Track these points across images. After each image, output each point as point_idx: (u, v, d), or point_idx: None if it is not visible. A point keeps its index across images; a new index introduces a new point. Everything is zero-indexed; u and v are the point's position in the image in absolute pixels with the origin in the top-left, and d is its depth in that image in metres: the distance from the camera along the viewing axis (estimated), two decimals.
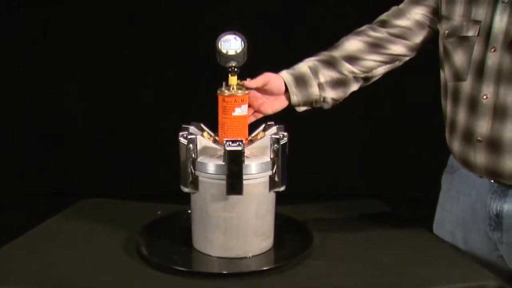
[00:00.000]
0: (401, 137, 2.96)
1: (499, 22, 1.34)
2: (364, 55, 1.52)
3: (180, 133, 1.39)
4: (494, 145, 1.36)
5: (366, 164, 3.23)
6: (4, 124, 3.28)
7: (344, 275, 1.29)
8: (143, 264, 1.33)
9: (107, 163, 3.34)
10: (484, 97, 1.37)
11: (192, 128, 1.44)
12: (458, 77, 1.43)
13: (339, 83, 1.52)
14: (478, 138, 1.39)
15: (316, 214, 1.67)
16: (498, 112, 1.35)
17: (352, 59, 1.52)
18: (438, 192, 1.63)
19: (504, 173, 1.37)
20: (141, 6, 3.18)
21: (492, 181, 1.41)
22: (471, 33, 1.39)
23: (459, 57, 1.42)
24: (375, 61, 1.53)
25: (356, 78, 1.53)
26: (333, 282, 1.28)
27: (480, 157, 1.39)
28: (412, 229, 1.53)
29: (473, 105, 1.39)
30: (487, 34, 1.36)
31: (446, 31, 1.45)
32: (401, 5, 1.55)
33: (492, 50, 1.35)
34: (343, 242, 1.47)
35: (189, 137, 1.36)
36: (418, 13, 1.51)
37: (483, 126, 1.38)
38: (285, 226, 1.51)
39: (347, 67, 1.52)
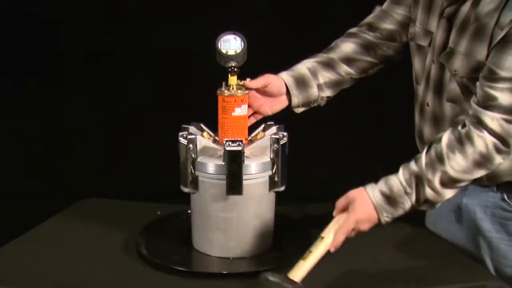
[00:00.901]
0: (401, 137, 2.96)
1: (438, 36, 1.38)
2: (359, 56, 1.56)
3: (180, 133, 1.39)
4: None
5: (366, 165, 3.22)
6: (4, 124, 3.28)
7: (344, 275, 1.29)
8: (143, 264, 1.33)
9: (107, 163, 3.34)
10: (427, 104, 1.44)
11: (192, 128, 1.44)
12: (416, 80, 1.50)
13: (336, 84, 1.56)
14: (426, 141, 1.44)
15: (316, 214, 1.67)
16: (437, 120, 1.42)
17: (349, 60, 1.56)
18: None
19: None
20: (140, 6, 3.18)
21: None
22: (424, 43, 1.44)
23: (416, 62, 1.48)
24: (369, 62, 1.57)
25: (352, 79, 1.58)
26: (333, 282, 1.28)
27: None
28: (412, 229, 1.53)
29: (422, 110, 1.47)
30: (433, 46, 1.41)
31: (410, 35, 1.50)
32: (384, 6, 1.58)
33: (433, 62, 1.41)
34: (343, 242, 1.46)
35: (189, 137, 1.36)
36: (400, 14, 1.54)
37: (426, 131, 1.45)
38: (284, 226, 1.51)
39: (344, 69, 1.56)
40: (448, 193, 1.30)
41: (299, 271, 1.19)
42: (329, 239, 1.24)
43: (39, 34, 3.20)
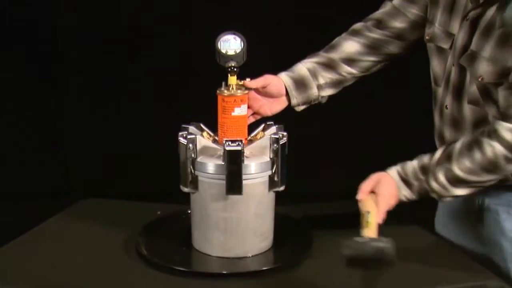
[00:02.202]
0: (401, 137, 2.96)
1: (460, 38, 1.36)
2: (361, 57, 1.54)
3: (180, 133, 1.39)
4: None
5: (366, 164, 3.22)
6: (4, 124, 3.28)
7: (344, 275, 1.29)
8: (143, 264, 1.33)
9: (107, 163, 3.34)
10: (446, 107, 1.43)
11: (191, 128, 1.44)
12: (435, 81, 1.47)
13: (337, 83, 1.56)
14: (447, 142, 1.43)
15: (316, 214, 1.67)
16: (456, 123, 1.41)
17: (350, 61, 1.54)
18: None
19: None
20: (140, 6, 3.18)
21: None
22: (445, 45, 1.41)
23: (436, 64, 1.46)
24: (372, 61, 1.56)
25: (353, 78, 1.57)
26: (333, 282, 1.29)
27: None
28: (412, 229, 1.53)
29: (442, 112, 1.45)
30: (454, 49, 1.39)
31: (427, 36, 1.46)
32: (396, 2, 1.53)
33: (453, 64, 1.39)
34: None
35: (188, 137, 1.36)
36: (414, 13, 1.51)
37: (447, 133, 1.44)
38: (284, 226, 1.51)
39: (346, 69, 1.55)
40: (458, 191, 1.35)
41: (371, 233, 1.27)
42: (375, 212, 1.34)
43: (39, 34, 3.20)
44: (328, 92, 1.55)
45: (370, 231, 1.28)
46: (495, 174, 1.31)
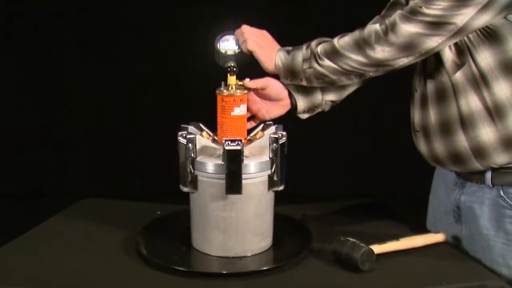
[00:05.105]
0: (401, 137, 2.96)
1: None
2: None
3: (179, 133, 1.39)
4: (425, 132, 1.44)
5: (366, 164, 3.23)
6: (4, 124, 3.29)
7: (344, 275, 1.29)
8: (143, 264, 1.33)
9: (107, 163, 3.34)
10: (415, 90, 1.47)
11: (191, 128, 1.44)
12: (412, 76, 1.50)
13: (340, 86, 1.54)
14: (416, 129, 1.47)
15: (316, 214, 1.68)
16: (422, 102, 1.43)
17: None
18: None
19: (439, 158, 1.43)
20: (140, 6, 3.18)
21: (456, 175, 1.47)
22: None
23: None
24: None
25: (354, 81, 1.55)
26: (333, 282, 1.29)
27: (421, 145, 1.47)
28: (412, 230, 1.53)
29: (412, 98, 1.49)
30: None
31: None
32: (382, 13, 1.58)
33: None
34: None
35: (188, 136, 1.36)
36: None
37: (416, 117, 1.46)
38: (284, 226, 1.51)
39: None
40: (324, 63, 1.39)
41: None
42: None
43: (39, 33, 3.21)
44: (331, 96, 1.54)
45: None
46: (363, 52, 1.35)
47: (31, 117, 3.31)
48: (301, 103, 1.50)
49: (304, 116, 1.55)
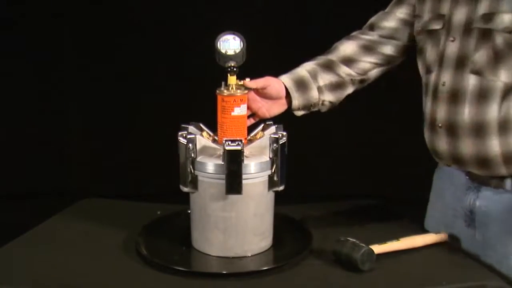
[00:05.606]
0: (400, 137, 2.96)
1: (459, 14, 1.40)
2: (359, 57, 1.58)
3: (180, 133, 1.39)
4: (451, 130, 1.40)
5: (366, 164, 3.23)
6: (4, 124, 3.28)
7: (344, 275, 1.29)
8: (143, 264, 1.33)
9: (107, 163, 3.34)
10: (443, 84, 1.42)
11: (191, 128, 1.44)
12: (428, 70, 1.49)
13: (337, 86, 1.56)
14: (439, 125, 1.43)
15: (316, 214, 1.68)
16: (453, 97, 1.40)
17: (349, 61, 1.57)
18: None
19: (463, 158, 1.40)
20: (141, 7, 3.18)
21: (467, 177, 1.45)
22: (437, 26, 1.45)
23: (429, 51, 1.48)
24: (369, 62, 1.58)
25: (352, 81, 1.58)
26: (333, 282, 1.28)
27: (442, 143, 1.44)
28: (412, 230, 1.53)
29: (435, 93, 1.45)
30: (448, 26, 1.42)
31: (418, 29, 1.51)
32: (387, 9, 1.61)
33: (451, 40, 1.41)
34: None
35: (188, 137, 1.36)
36: (402, 13, 1.58)
37: (441, 112, 1.42)
38: (284, 226, 1.51)
39: (344, 70, 1.56)
40: None
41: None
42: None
43: (38, 33, 3.20)
44: (328, 96, 1.55)
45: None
46: None
47: (31, 117, 3.31)
48: (296, 101, 1.52)
49: (299, 113, 1.55)
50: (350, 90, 1.59)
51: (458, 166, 1.45)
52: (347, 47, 1.58)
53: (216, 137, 1.43)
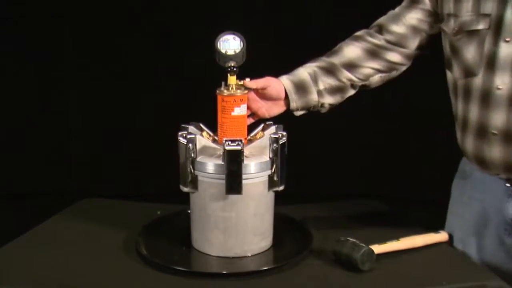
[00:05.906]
0: (400, 137, 2.96)
1: (510, 13, 1.32)
2: (362, 63, 1.54)
3: (180, 133, 1.39)
4: (510, 137, 1.33)
5: (366, 164, 3.23)
6: (4, 124, 3.28)
7: (344, 275, 1.29)
8: (143, 264, 1.33)
9: (107, 163, 3.34)
10: (498, 88, 1.34)
11: (191, 128, 1.44)
12: (469, 73, 1.40)
13: (337, 90, 1.55)
14: (493, 132, 1.35)
15: (316, 214, 1.68)
16: None
17: (351, 66, 1.54)
18: (437, 193, 1.62)
19: None
20: (141, 7, 3.18)
21: (508, 184, 1.39)
22: (481, 26, 1.37)
23: (470, 52, 1.40)
24: (372, 68, 1.55)
25: (353, 86, 1.56)
26: (333, 282, 1.29)
27: (495, 151, 1.36)
28: (412, 230, 1.53)
29: (486, 98, 1.36)
30: (497, 26, 1.34)
31: (455, 29, 1.42)
32: (397, 9, 1.55)
33: (507, 40, 1.33)
34: None
35: (188, 136, 1.36)
36: (413, 18, 1.52)
37: (498, 119, 1.34)
38: (284, 226, 1.51)
39: (346, 75, 1.54)
40: None
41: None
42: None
43: (38, 33, 3.20)
44: (328, 99, 1.54)
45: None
46: None
47: (31, 117, 3.30)
48: (294, 103, 1.51)
49: (298, 113, 1.55)
50: (350, 93, 1.57)
51: (507, 174, 1.39)
52: (351, 51, 1.54)
53: (216, 137, 1.43)
